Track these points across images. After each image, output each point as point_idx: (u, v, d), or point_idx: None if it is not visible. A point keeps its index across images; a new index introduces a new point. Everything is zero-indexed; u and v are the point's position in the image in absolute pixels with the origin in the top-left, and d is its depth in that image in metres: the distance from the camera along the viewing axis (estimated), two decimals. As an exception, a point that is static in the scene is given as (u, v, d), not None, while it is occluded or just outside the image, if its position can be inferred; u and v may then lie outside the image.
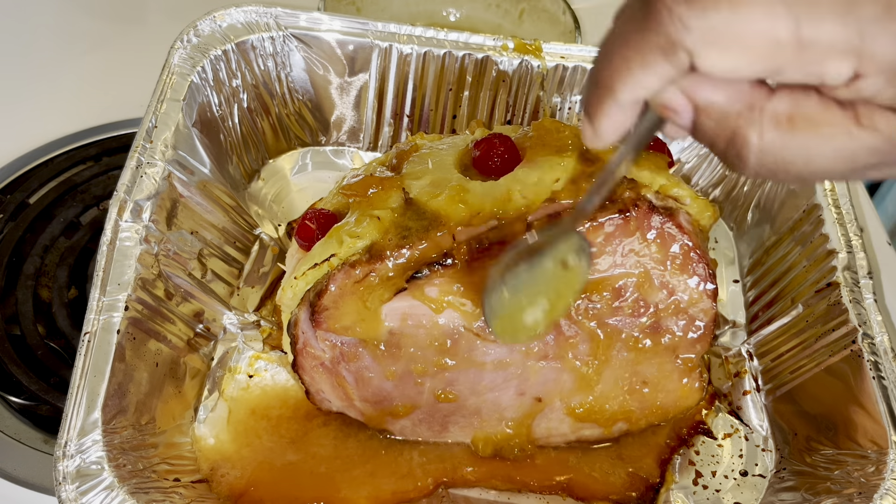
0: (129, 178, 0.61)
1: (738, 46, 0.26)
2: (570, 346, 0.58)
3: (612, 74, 0.29)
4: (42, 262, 0.75)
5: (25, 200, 0.79)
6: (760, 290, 0.74)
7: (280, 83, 0.77)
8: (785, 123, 0.29)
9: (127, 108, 0.86)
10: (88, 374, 0.53)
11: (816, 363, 0.64)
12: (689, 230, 0.57)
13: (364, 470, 0.61)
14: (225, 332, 0.66)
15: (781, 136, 0.29)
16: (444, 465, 0.62)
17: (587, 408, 0.61)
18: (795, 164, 0.29)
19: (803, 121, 0.28)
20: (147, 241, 0.60)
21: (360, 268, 0.55)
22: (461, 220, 0.55)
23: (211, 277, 0.66)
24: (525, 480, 0.62)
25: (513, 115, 0.81)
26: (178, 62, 0.69)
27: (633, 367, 0.60)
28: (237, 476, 0.59)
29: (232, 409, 0.63)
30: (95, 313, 0.56)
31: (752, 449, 0.65)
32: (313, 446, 0.62)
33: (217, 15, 0.72)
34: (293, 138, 0.81)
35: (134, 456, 0.54)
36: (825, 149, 0.29)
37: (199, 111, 0.70)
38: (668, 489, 0.62)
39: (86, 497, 0.50)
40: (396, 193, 0.58)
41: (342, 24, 0.75)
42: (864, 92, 0.27)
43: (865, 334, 0.62)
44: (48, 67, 0.92)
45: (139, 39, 0.95)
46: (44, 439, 0.64)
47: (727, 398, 0.68)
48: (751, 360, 0.70)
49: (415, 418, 0.61)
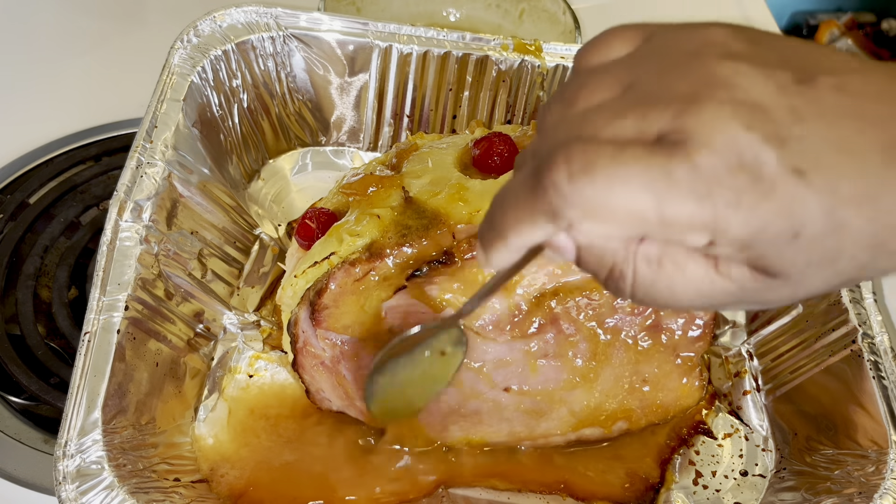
0: (129, 178, 0.61)
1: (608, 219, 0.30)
2: (570, 346, 0.58)
3: (505, 224, 0.33)
4: (42, 262, 0.75)
5: (25, 200, 0.79)
6: (760, 290, 0.73)
7: (280, 83, 0.77)
8: (655, 264, 0.33)
9: (127, 108, 0.86)
10: (88, 374, 0.53)
11: (816, 363, 0.64)
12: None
13: (363, 470, 0.61)
14: (225, 332, 0.66)
15: (651, 274, 0.33)
16: (444, 465, 0.62)
17: (587, 407, 0.61)
18: (663, 297, 0.33)
19: (670, 263, 0.32)
20: (147, 241, 0.60)
21: (360, 266, 0.55)
22: (461, 218, 0.55)
23: (211, 277, 0.66)
24: (525, 480, 0.62)
25: (513, 115, 0.81)
26: (178, 62, 0.69)
27: (633, 366, 0.60)
28: (237, 476, 0.59)
29: (232, 409, 0.63)
30: (95, 313, 0.56)
31: (753, 449, 0.65)
32: (309, 445, 0.62)
33: (217, 15, 0.72)
34: (293, 138, 0.81)
35: (134, 456, 0.54)
36: (688, 288, 0.33)
37: (199, 111, 0.70)
38: (668, 489, 0.62)
39: (86, 497, 0.50)
40: (396, 192, 0.58)
41: (342, 24, 0.75)
42: (720, 252, 0.31)
43: (865, 334, 0.62)
44: (48, 67, 0.92)
45: (139, 39, 0.95)
46: (44, 439, 0.64)
47: (727, 398, 0.68)
48: (751, 360, 0.70)
49: (415, 418, 0.61)
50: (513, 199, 0.33)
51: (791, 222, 0.29)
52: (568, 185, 0.30)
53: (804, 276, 0.31)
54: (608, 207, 0.30)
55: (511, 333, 0.57)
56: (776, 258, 0.30)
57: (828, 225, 0.29)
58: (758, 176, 0.29)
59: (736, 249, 0.31)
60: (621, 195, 0.30)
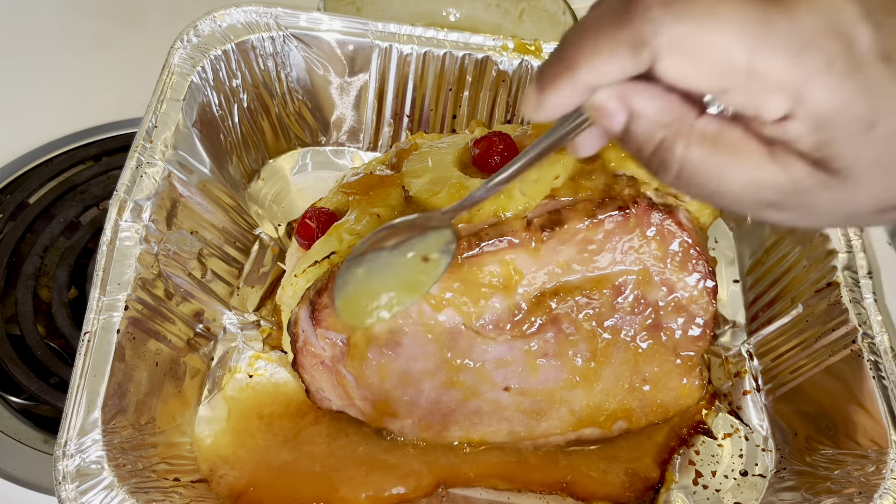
0: (129, 177, 0.61)
1: (696, 59, 0.29)
2: (570, 345, 0.58)
3: (579, 55, 0.31)
4: (42, 261, 0.75)
5: (25, 200, 0.79)
6: (760, 290, 0.74)
7: (280, 83, 0.77)
8: (710, 142, 0.31)
9: (127, 108, 0.86)
10: (88, 374, 0.53)
11: (816, 363, 0.64)
12: (689, 227, 0.58)
13: (363, 469, 0.61)
14: (225, 332, 0.66)
15: (704, 152, 0.31)
16: (444, 465, 0.62)
17: (587, 407, 0.61)
18: (710, 182, 0.32)
19: (725, 143, 0.31)
20: (147, 240, 0.60)
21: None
22: (461, 217, 0.55)
23: (211, 277, 0.66)
24: (525, 480, 0.62)
25: (513, 115, 0.81)
26: (178, 62, 0.69)
27: (633, 366, 0.60)
28: (237, 476, 0.59)
29: (231, 409, 0.63)
30: (95, 313, 0.56)
31: (752, 449, 0.65)
32: (307, 444, 0.62)
33: (217, 15, 0.72)
34: (293, 138, 0.81)
35: (134, 456, 0.54)
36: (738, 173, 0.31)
37: (199, 111, 0.70)
38: (668, 489, 0.62)
39: (85, 496, 0.50)
40: (396, 191, 0.58)
41: (342, 24, 0.75)
42: (788, 133, 0.30)
43: (865, 334, 0.62)
44: (48, 67, 0.92)
45: (139, 39, 0.95)
46: (44, 439, 0.64)
47: (727, 398, 0.68)
48: (751, 360, 0.70)
49: (415, 417, 0.61)
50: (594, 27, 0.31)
51: (872, 108, 0.28)
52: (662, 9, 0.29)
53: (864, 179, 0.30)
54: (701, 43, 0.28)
55: (511, 333, 0.57)
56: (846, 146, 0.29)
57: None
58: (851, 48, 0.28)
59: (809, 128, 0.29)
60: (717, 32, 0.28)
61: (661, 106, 0.31)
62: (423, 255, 0.47)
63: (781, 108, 0.29)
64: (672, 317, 0.59)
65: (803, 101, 0.29)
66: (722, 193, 0.32)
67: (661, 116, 0.31)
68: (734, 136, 0.31)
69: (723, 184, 0.31)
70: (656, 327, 0.59)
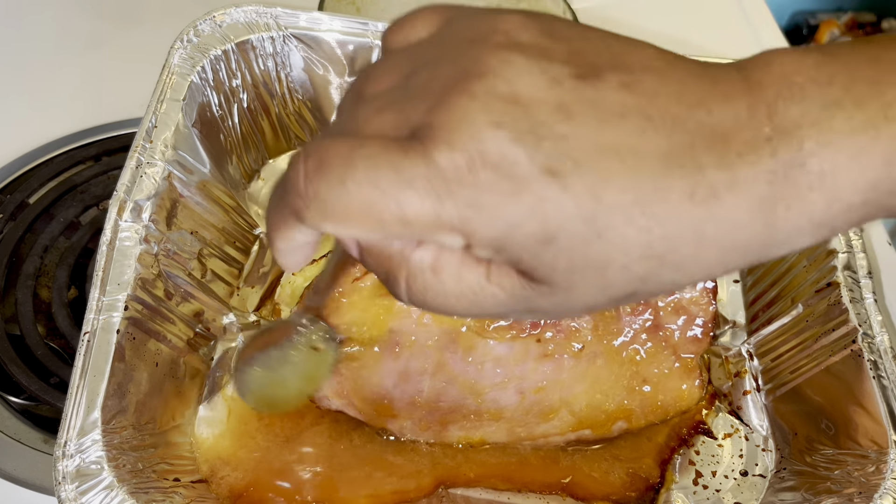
0: (129, 178, 0.61)
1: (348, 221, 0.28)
2: (569, 345, 0.58)
3: (270, 229, 0.32)
4: (42, 262, 0.75)
5: (25, 200, 0.79)
6: (760, 290, 0.74)
7: (280, 83, 0.77)
8: (428, 271, 0.31)
9: (127, 108, 0.86)
10: (88, 374, 0.53)
11: (816, 363, 0.64)
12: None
13: (363, 470, 0.61)
14: (225, 332, 0.66)
15: (424, 282, 0.31)
16: (444, 465, 0.62)
17: (587, 407, 0.61)
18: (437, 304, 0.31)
19: (443, 271, 0.31)
20: (147, 241, 0.60)
21: (360, 265, 0.55)
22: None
23: (211, 277, 0.66)
24: (525, 480, 0.62)
25: (513, 115, 0.80)
26: (178, 62, 0.69)
27: (633, 366, 0.60)
28: (237, 477, 0.59)
29: (232, 410, 0.63)
30: (95, 313, 0.56)
31: (753, 449, 0.65)
32: (307, 445, 0.62)
33: (217, 15, 0.72)
34: (293, 138, 0.81)
35: (134, 456, 0.54)
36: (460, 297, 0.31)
37: (199, 111, 0.70)
38: (668, 489, 0.62)
39: (85, 497, 0.50)
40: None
41: (342, 24, 0.75)
42: (481, 255, 0.29)
43: (865, 334, 0.62)
44: (48, 67, 0.92)
45: (139, 39, 0.95)
46: (43, 439, 0.64)
47: (727, 398, 0.68)
48: (751, 360, 0.70)
49: (414, 417, 0.61)
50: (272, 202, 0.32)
51: (544, 225, 0.27)
52: (303, 184, 0.29)
53: (572, 284, 0.29)
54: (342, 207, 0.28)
55: (511, 333, 0.57)
56: (534, 263, 0.29)
57: (588, 231, 0.27)
58: (506, 175, 0.27)
59: (492, 251, 0.29)
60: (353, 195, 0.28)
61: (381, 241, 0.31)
62: (310, 346, 0.50)
63: (457, 240, 0.29)
64: (672, 317, 0.59)
65: (470, 234, 0.28)
66: (451, 312, 0.32)
67: (382, 249, 0.31)
68: (451, 260, 0.30)
69: (447, 304, 0.31)
70: (656, 328, 0.59)
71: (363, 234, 0.29)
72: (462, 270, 0.31)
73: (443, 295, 0.31)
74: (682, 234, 0.28)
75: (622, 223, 0.27)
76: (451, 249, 0.30)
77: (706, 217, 0.28)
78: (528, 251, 0.28)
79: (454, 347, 0.57)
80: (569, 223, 0.27)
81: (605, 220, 0.27)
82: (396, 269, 0.31)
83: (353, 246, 0.32)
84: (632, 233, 0.28)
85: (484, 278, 0.30)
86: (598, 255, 0.28)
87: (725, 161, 0.28)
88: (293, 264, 0.34)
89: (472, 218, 0.28)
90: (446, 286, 0.31)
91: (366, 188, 0.28)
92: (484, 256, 0.30)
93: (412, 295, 0.32)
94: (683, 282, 0.30)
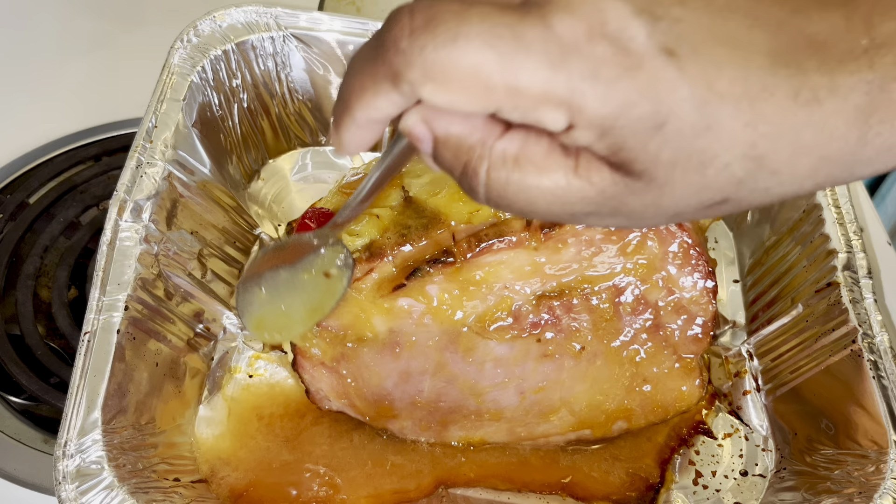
0: (129, 178, 0.61)
1: (452, 84, 0.27)
2: (569, 345, 0.58)
3: (351, 95, 0.30)
4: (42, 262, 0.75)
5: (25, 200, 0.79)
6: (760, 290, 0.74)
7: (280, 83, 0.77)
8: (511, 163, 0.30)
9: (127, 108, 0.86)
10: (88, 374, 0.53)
11: (816, 363, 0.64)
12: (689, 228, 0.58)
13: (363, 470, 0.61)
14: (225, 332, 0.66)
15: (507, 174, 0.30)
16: (444, 465, 0.62)
17: (587, 407, 0.61)
18: (519, 202, 0.30)
19: (528, 163, 0.29)
20: (147, 241, 0.60)
21: (360, 266, 0.55)
22: (461, 218, 0.55)
23: (211, 277, 0.66)
24: (525, 480, 0.62)
25: (513, 115, 0.80)
26: (178, 62, 0.69)
27: (633, 366, 0.60)
28: (237, 477, 0.59)
29: (231, 409, 0.63)
30: (95, 313, 0.56)
31: (752, 449, 0.65)
32: (308, 445, 0.62)
33: (217, 15, 0.72)
34: (293, 138, 0.81)
35: (134, 456, 0.54)
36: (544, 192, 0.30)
37: (199, 111, 0.70)
38: (668, 489, 0.62)
39: (86, 497, 0.50)
40: (396, 191, 0.58)
41: (342, 24, 0.75)
42: (580, 141, 0.28)
43: (865, 334, 0.62)
44: (48, 67, 0.92)
45: (139, 39, 0.95)
46: (44, 439, 0.64)
47: (727, 398, 0.68)
48: (751, 360, 0.70)
49: (415, 418, 0.61)
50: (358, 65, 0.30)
51: (657, 107, 0.27)
52: (408, 40, 0.27)
53: (670, 180, 0.28)
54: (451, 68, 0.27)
55: (511, 333, 0.57)
56: (638, 151, 0.28)
57: (698, 120, 0.27)
58: (623, 49, 0.26)
59: (596, 135, 0.28)
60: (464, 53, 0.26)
61: (462, 129, 0.30)
62: (323, 271, 0.47)
63: (560, 119, 0.27)
64: (672, 317, 0.59)
65: (578, 110, 0.27)
66: (533, 211, 0.31)
67: (462, 140, 0.30)
68: (537, 151, 0.29)
69: (530, 202, 0.30)
70: (656, 328, 0.59)
71: (463, 103, 0.28)
72: (548, 162, 0.29)
73: (525, 189, 0.30)
74: (783, 136, 0.28)
75: (730, 116, 0.27)
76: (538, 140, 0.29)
77: (806, 120, 0.28)
78: (636, 137, 0.27)
79: (454, 348, 0.57)
80: (681, 108, 0.27)
81: (715, 111, 0.27)
82: (477, 160, 0.30)
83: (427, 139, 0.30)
84: (738, 127, 0.27)
85: (572, 171, 0.29)
86: (703, 148, 0.28)
87: (826, 66, 0.28)
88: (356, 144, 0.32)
89: (586, 92, 0.27)
90: (529, 179, 0.30)
91: (479, 48, 0.26)
92: (583, 142, 0.28)
93: (491, 189, 0.30)
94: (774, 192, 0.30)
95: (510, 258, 0.55)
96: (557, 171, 0.29)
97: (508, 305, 0.56)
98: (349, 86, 0.31)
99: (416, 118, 0.30)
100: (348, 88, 0.31)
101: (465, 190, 0.31)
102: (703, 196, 0.29)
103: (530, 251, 0.55)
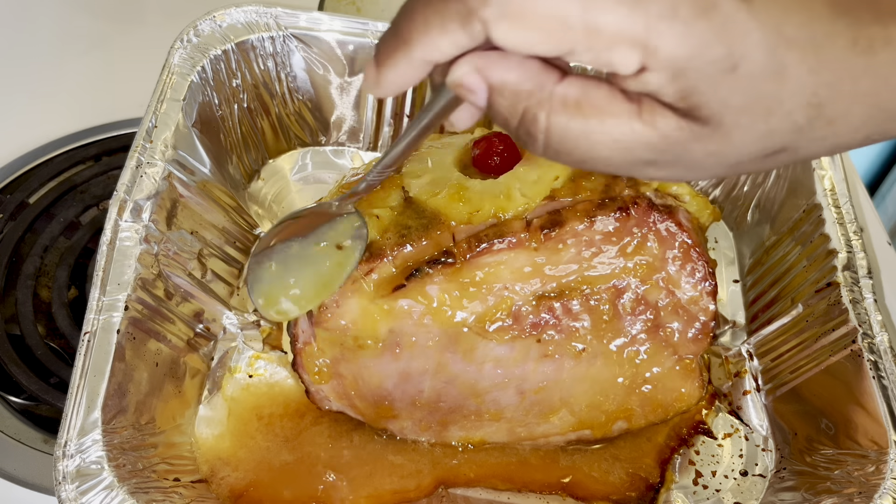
0: (129, 177, 0.61)
1: (529, 23, 0.27)
2: (569, 345, 0.58)
3: (411, 30, 0.29)
4: (42, 262, 0.75)
5: (25, 200, 0.79)
6: (760, 290, 0.74)
7: (280, 83, 0.77)
8: (572, 107, 0.29)
9: (127, 108, 0.86)
10: (88, 374, 0.53)
11: (816, 363, 0.64)
12: (689, 228, 0.58)
13: (363, 470, 0.61)
14: (225, 332, 0.66)
15: (568, 119, 0.29)
16: (444, 466, 0.62)
17: (587, 407, 0.61)
18: (579, 149, 0.30)
19: (590, 107, 0.29)
20: (147, 240, 0.60)
21: (360, 266, 0.55)
22: (461, 218, 0.55)
23: (211, 277, 0.66)
24: (525, 480, 0.62)
25: (513, 115, 0.80)
26: (178, 62, 0.69)
27: (633, 366, 0.60)
28: (237, 477, 0.59)
29: (231, 409, 0.63)
30: (95, 313, 0.56)
31: (752, 449, 0.65)
32: (307, 445, 0.62)
33: (217, 15, 0.72)
34: (293, 138, 0.81)
35: (134, 456, 0.54)
36: (606, 137, 0.29)
37: (199, 111, 0.70)
38: (668, 489, 0.62)
39: (86, 497, 0.50)
40: (396, 192, 0.58)
41: (342, 24, 0.75)
42: (650, 86, 0.28)
43: (865, 334, 0.62)
44: (48, 67, 0.92)
45: (139, 39, 0.95)
46: (44, 439, 0.64)
47: (727, 398, 0.68)
48: (751, 360, 0.70)
49: (415, 418, 0.61)
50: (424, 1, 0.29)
51: (730, 49, 0.27)
52: None
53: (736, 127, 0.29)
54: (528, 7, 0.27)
55: (511, 334, 0.57)
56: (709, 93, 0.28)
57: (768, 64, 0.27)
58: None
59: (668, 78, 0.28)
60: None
61: (519, 75, 0.29)
62: (335, 243, 0.45)
63: (633, 61, 0.28)
64: (672, 317, 0.59)
65: (653, 51, 0.27)
66: (593, 159, 0.30)
67: (520, 86, 0.29)
68: (598, 96, 0.29)
69: (591, 149, 0.30)
70: (656, 328, 0.59)
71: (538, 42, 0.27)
72: (611, 106, 0.29)
73: (586, 134, 0.30)
74: (842, 83, 0.28)
75: (797, 61, 0.28)
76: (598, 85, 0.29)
77: (864, 68, 0.28)
78: (708, 80, 0.27)
79: (454, 348, 0.57)
80: (752, 52, 0.27)
81: (783, 55, 0.27)
82: (536, 106, 0.30)
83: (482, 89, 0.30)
84: (804, 73, 0.28)
85: (635, 116, 0.29)
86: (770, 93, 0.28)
87: (881, 19, 0.29)
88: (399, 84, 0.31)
89: (663, 32, 0.27)
90: (592, 124, 0.29)
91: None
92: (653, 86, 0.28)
93: (552, 135, 0.30)
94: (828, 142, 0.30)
95: (510, 259, 0.55)
96: (621, 115, 0.29)
97: (508, 306, 0.56)
98: (410, 20, 0.30)
99: (468, 67, 0.29)
100: (409, 22, 0.30)
101: (521, 140, 0.31)
102: (766, 143, 0.29)
103: (530, 252, 0.55)
